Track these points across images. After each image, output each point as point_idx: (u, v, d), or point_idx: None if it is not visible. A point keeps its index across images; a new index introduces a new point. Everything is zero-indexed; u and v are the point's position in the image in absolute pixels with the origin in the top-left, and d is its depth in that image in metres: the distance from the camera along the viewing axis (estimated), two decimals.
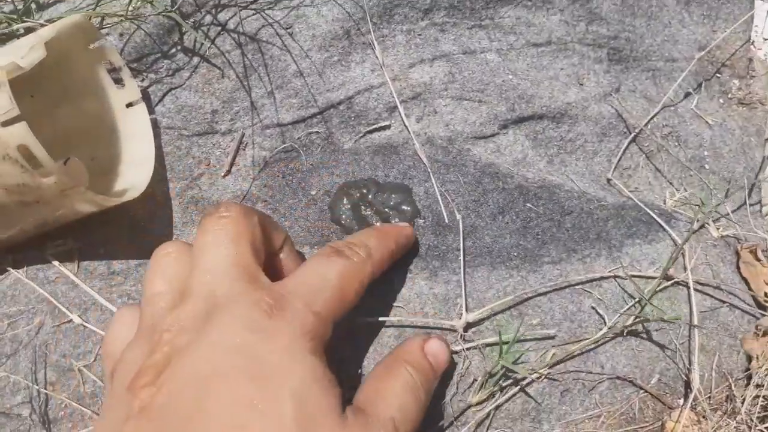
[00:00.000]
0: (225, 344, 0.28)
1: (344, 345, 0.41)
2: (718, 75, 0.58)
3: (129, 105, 0.46)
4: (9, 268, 0.44)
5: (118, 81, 0.46)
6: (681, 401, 0.45)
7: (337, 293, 0.33)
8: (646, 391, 0.44)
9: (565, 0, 0.52)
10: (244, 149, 0.48)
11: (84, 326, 0.42)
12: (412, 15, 0.49)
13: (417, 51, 0.49)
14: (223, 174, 0.48)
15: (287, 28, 0.48)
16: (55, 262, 0.44)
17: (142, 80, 0.48)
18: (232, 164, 0.48)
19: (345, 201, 0.46)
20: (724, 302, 0.47)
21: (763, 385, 0.46)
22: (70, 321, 0.42)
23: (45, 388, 0.41)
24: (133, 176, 0.45)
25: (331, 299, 0.32)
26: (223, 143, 0.48)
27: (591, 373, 0.43)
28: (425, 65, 0.49)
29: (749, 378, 0.47)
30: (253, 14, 0.48)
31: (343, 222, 0.45)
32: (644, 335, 0.45)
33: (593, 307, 0.45)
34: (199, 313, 0.29)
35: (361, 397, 0.33)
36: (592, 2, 0.53)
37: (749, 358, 0.47)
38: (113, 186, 0.45)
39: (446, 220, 0.45)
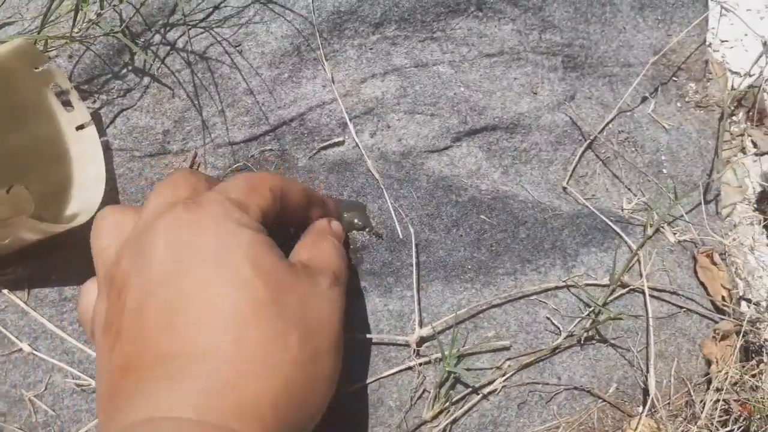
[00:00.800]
0: (162, 246, 0.30)
1: None
2: (675, 79, 0.58)
3: (79, 127, 0.46)
4: None
5: (67, 104, 0.46)
6: (640, 409, 0.45)
7: (247, 187, 0.34)
8: (605, 401, 0.44)
9: (517, 9, 0.52)
10: (197, 169, 0.48)
11: (34, 355, 0.42)
12: (363, 29, 0.49)
13: (368, 65, 0.49)
14: None
15: (236, 46, 0.48)
16: (5, 291, 0.43)
17: (93, 102, 0.48)
18: None
19: None
20: (681, 308, 0.47)
21: (722, 389, 0.46)
22: (20, 350, 0.42)
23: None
24: (85, 199, 0.44)
25: (242, 190, 0.34)
26: (175, 163, 0.48)
27: (548, 384, 0.43)
28: (377, 80, 0.49)
29: (709, 382, 0.47)
30: (202, 32, 0.48)
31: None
32: (601, 344, 0.45)
33: (548, 318, 0.45)
34: (135, 238, 0.31)
35: (301, 258, 0.35)
36: (545, 11, 0.53)
37: (708, 363, 0.47)
38: (64, 209, 0.45)
39: (400, 236, 0.45)
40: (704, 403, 0.45)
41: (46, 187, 0.46)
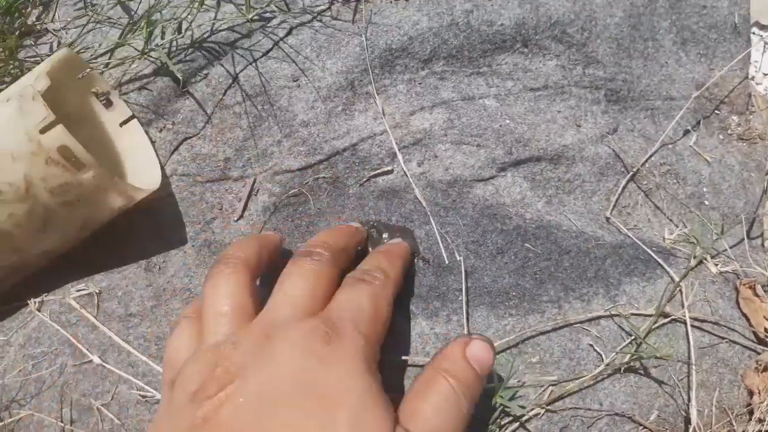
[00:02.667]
0: (288, 368, 0.31)
1: None
2: (717, 112, 0.59)
3: (123, 123, 0.51)
4: (35, 311, 0.46)
5: (108, 104, 0.50)
6: None
7: (373, 316, 0.35)
8: (646, 427, 0.45)
9: (561, 46, 0.54)
10: (255, 195, 0.51)
11: (103, 366, 0.45)
12: (413, 65, 0.52)
13: (417, 99, 0.51)
14: (235, 218, 0.50)
15: (295, 81, 0.51)
16: (77, 306, 0.46)
17: (160, 130, 0.51)
18: (244, 209, 0.50)
19: None
20: (723, 338, 0.48)
21: (764, 420, 0.46)
22: (90, 362, 0.45)
23: (69, 426, 0.43)
24: (144, 180, 0.48)
25: (370, 322, 0.35)
26: (235, 189, 0.51)
27: (590, 409, 0.44)
28: (425, 112, 0.51)
29: (751, 413, 0.47)
30: (263, 68, 0.51)
31: None
32: (642, 372, 0.46)
33: (591, 345, 0.46)
34: (261, 334, 0.33)
35: (402, 412, 0.34)
36: (588, 47, 0.55)
37: (750, 394, 0.48)
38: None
39: (446, 261, 0.47)
40: None
41: None
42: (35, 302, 0.47)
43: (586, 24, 0.55)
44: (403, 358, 0.44)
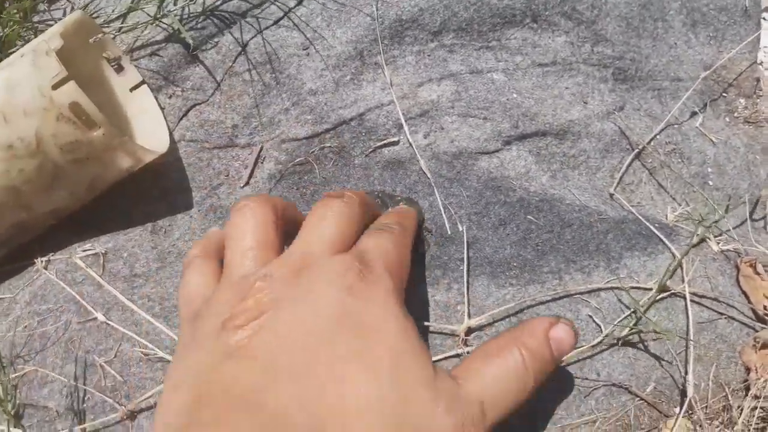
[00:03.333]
0: (324, 301, 0.30)
1: None
2: (725, 95, 0.59)
3: (133, 88, 0.51)
4: (42, 269, 0.47)
5: (119, 69, 0.50)
6: (677, 410, 0.46)
7: (398, 260, 0.35)
8: (642, 399, 0.45)
9: (571, 22, 0.54)
10: (261, 162, 0.51)
11: (107, 324, 0.45)
12: (422, 37, 0.52)
13: (426, 71, 0.52)
14: (241, 185, 0.51)
15: (304, 49, 0.51)
16: (83, 265, 0.47)
17: (169, 96, 0.52)
18: (250, 176, 0.51)
19: None
20: (722, 314, 0.48)
21: (760, 397, 0.46)
22: (95, 319, 0.46)
23: (73, 381, 0.44)
24: (152, 144, 0.48)
25: (397, 265, 0.35)
26: (242, 156, 0.51)
27: (587, 379, 0.45)
28: (433, 84, 0.51)
29: (747, 389, 0.47)
30: (272, 36, 0.51)
31: None
32: (640, 345, 0.46)
33: (590, 316, 0.46)
34: (293, 268, 0.32)
35: (462, 366, 0.33)
36: (597, 24, 0.55)
37: (747, 370, 0.48)
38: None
39: (449, 232, 0.48)
40: (741, 409, 0.46)
41: None
42: (42, 261, 0.48)
43: (596, 1, 0.55)
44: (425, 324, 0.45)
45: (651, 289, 0.47)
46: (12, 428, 0.43)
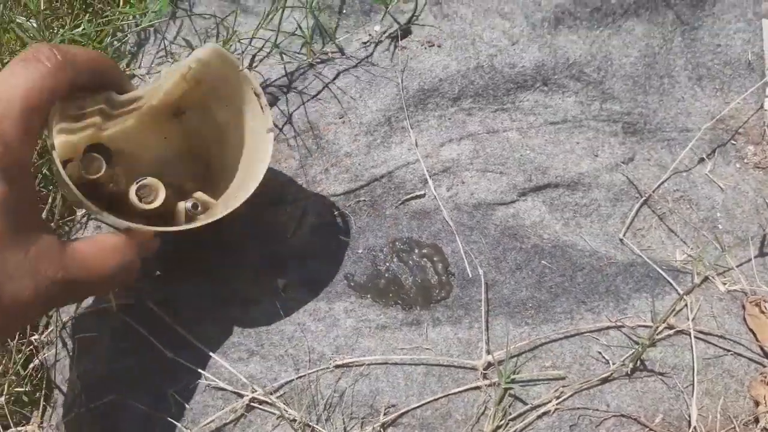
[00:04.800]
0: None
1: (381, 379, 0.50)
2: (734, 142, 0.63)
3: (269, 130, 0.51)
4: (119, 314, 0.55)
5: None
6: None
7: (25, 109, 0.36)
8: (651, 429, 0.49)
9: (579, 84, 0.60)
10: (306, 216, 0.58)
11: (175, 359, 0.53)
12: (443, 103, 0.59)
13: (447, 132, 0.58)
14: (289, 236, 0.58)
15: (340, 117, 0.59)
16: (155, 308, 0.55)
17: None
18: (296, 228, 0.58)
19: (392, 254, 0.55)
20: (728, 351, 0.52)
21: None
22: (165, 356, 0.53)
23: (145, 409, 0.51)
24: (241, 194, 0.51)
25: (20, 117, 0.36)
26: (289, 211, 0.59)
27: (598, 410, 0.49)
28: (454, 144, 0.58)
29: (756, 421, 0.51)
30: (313, 107, 0.59)
31: (385, 274, 0.54)
32: (648, 378, 0.50)
33: (600, 352, 0.51)
34: None
35: None
36: (605, 84, 0.61)
37: (756, 404, 0.51)
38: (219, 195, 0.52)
39: (470, 275, 0.54)
40: None
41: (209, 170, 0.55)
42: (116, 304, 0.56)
43: (602, 64, 0.61)
44: (428, 358, 0.50)
45: (655, 326, 0.51)
46: None
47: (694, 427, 0.48)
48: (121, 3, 0.66)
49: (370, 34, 0.62)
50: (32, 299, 0.36)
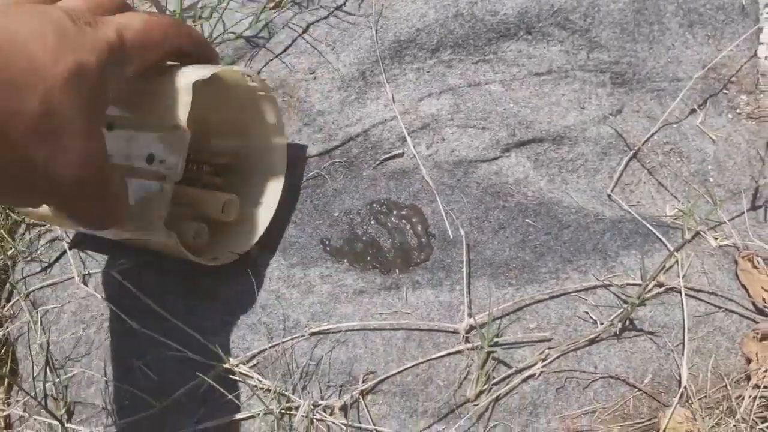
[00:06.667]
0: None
1: (358, 346, 0.47)
2: (726, 92, 0.60)
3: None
4: (80, 283, 0.52)
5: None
6: (676, 400, 0.48)
7: (141, 34, 0.38)
8: (640, 390, 0.48)
9: (564, 32, 0.57)
10: None
11: (143, 330, 0.50)
12: (421, 55, 0.56)
13: (425, 86, 0.55)
14: None
15: (311, 73, 0.55)
16: (119, 278, 0.52)
17: None
18: None
19: (369, 216, 0.52)
20: (720, 308, 0.50)
21: (761, 386, 0.48)
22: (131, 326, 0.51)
23: (112, 381, 0.49)
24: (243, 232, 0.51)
25: (138, 35, 0.37)
26: None
27: (585, 372, 0.47)
28: (433, 98, 0.55)
29: (748, 379, 0.49)
30: (282, 63, 0.56)
31: (362, 237, 0.52)
32: (637, 337, 0.48)
33: (587, 312, 0.49)
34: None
35: None
36: (591, 32, 0.57)
37: (748, 361, 0.50)
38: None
39: (451, 236, 0.51)
40: (742, 398, 0.47)
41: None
42: (81, 275, 0.53)
43: (588, 10, 0.57)
44: (408, 322, 0.48)
45: (644, 284, 0.49)
46: (65, 423, 0.48)
47: (685, 387, 0.46)
48: None
49: None
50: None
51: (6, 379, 0.53)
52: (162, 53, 0.41)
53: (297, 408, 0.46)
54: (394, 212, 0.52)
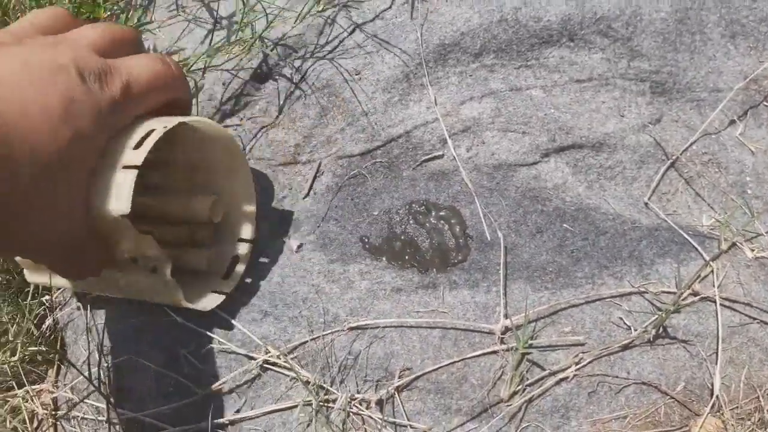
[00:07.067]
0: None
1: (395, 342, 0.49)
2: (766, 104, 0.60)
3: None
4: None
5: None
6: (707, 409, 0.48)
7: (146, 89, 0.39)
8: (672, 397, 0.48)
9: (607, 40, 0.57)
10: (320, 176, 0.57)
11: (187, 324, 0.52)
12: (464, 58, 0.57)
13: (468, 89, 0.56)
14: (302, 196, 0.57)
15: (356, 74, 0.57)
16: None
17: (240, 119, 0.58)
18: (310, 189, 0.57)
19: (408, 216, 0.54)
20: (754, 319, 0.50)
21: None
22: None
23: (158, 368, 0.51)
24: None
25: (142, 90, 0.39)
26: (303, 171, 0.57)
27: (617, 377, 0.48)
28: (475, 102, 0.56)
29: None
30: (329, 64, 0.57)
31: (401, 236, 0.53)
32: (670, 345, 0.49)
33: (621, 318, 0.49)
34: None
35: None
36: (633, 41, 0.58)
37: None
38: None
39: (489, 238, 0.52)
40: None
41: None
42: None
43: (631, 19, 0.58)
44: (444, 321, 0.49)
45: (679, 292, 0.50)
46: (110, 407, 0.50)
47: (717, 396, 0.47)
48: None
49: None
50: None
51: (56, 363, 0.55)
52: (152, 106, 0.42)
53: (335, 401, 0.48)
54: (433, 213, 0.53)
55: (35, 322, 0.55)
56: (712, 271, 0.51)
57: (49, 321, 0.56)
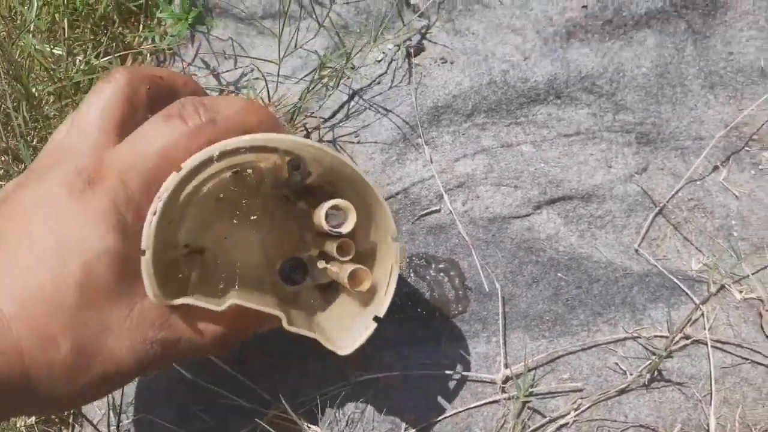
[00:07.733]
0: (44, 195, 0.33)
1: (399, 394, 0.51)
2: (748, 149, 0.63)
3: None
4: None
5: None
6: None
7: (155, 167, 0.34)
8: None
9: (592, 96, 0.61)
10: None
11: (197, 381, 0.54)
12: (457, 119, 0.60)
13: (461, 147, 0.59)
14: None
15: (356, 137, 0.60)
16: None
17: None
18: None
19: (409, 269, 0.56)
20: (746, 359, 0.52)
21: None
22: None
23: (172, 426, 0.53)
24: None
25: (148, 172, 0.34)
26: None
27: (616, 421, 0.50)
28: (468, 159, 0.59)
29: None
30: (328, 129, 0.61)
31: (402, 290, 0.56)
32: (666, 388, 0.51)
33: (617, 363, 0.51)
34: (47, 159, 0.35)
35: None
36: (617, 96, 0.61)
37: None
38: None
39: (486, 289, 0.54)
40: None
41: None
42: None
43: (614, 76, 0.61)
44: (446, 372, 0.51)
45: (671, 336, 0.52)
46: None
47: None
48: (141, 28, 0.68)
49: (383, 52, 0.63)
50: (126, 359, 0.34)
51: (71, 424, 0.57)
52: None
53: None
54: (433, 265, 0.56)
55: None
56: (703, 314, 0.53)
57: None
